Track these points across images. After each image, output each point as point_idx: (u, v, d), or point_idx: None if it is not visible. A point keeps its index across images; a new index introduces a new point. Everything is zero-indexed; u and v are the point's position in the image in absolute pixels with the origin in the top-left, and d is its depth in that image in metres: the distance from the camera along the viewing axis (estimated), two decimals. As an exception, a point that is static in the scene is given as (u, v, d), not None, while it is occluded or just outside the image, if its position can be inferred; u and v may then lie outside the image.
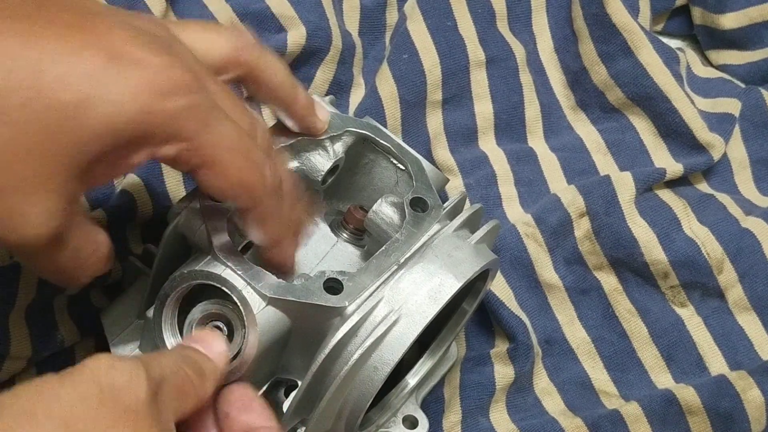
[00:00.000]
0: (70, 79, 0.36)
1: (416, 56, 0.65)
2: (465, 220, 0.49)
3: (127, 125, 0.36)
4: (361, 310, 0.45)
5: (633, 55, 0.65)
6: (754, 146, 0.67)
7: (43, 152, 0.36)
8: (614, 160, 0.66)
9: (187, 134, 0.38)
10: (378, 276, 0.46)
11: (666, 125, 0.66)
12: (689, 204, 0.63)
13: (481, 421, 0.58)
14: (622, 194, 0.62)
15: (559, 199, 0.63)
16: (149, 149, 0.38)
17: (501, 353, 0.59)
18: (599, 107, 0.68)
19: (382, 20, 0.69)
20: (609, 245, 0.61)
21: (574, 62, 0.68)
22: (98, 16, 0.38)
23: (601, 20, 0.66)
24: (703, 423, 0.57)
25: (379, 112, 0.63)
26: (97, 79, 0.36)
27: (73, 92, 0.35)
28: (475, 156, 0.66)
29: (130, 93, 0.36)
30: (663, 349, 0.61)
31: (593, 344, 0.61)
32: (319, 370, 0.45)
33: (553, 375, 0.60)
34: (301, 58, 0.65)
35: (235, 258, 0.44)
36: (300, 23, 0.65)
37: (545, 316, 0.61)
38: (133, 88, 0.36)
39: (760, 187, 0.66)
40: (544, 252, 0.62)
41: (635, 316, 0.61)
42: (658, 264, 0.61)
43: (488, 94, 0.67)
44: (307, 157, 0.50)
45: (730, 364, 0.60)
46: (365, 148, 0.52)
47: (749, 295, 0.61)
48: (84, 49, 0.36)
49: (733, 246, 0.62)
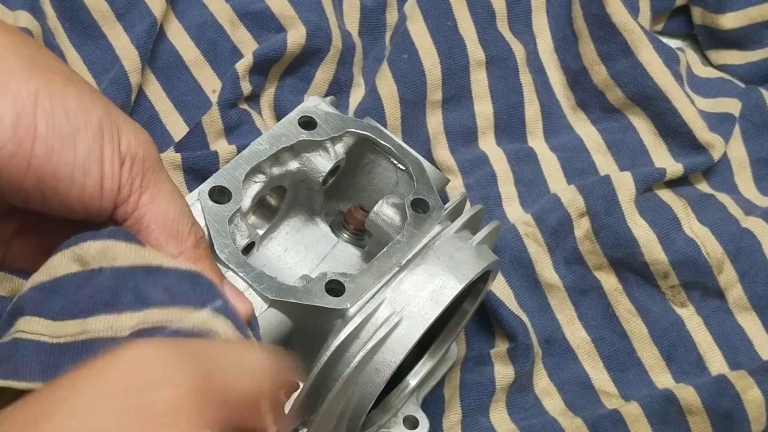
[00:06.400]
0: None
1: (416, 56, 0.65)
2: (466, 221, 0.49)
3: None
4: (363, 311, 0.45)
5: (633, 55, 0.65)
6: (754, 146, 0.67)
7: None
8: (614, 160, 0.66)
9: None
10: (380, 277, 0.46)
11: (666, 125, 0.66)
12: (689, 204, 0.63)
13: (481, 420, 0.58)
14: (622, 194, 0.62)
15: (559, 199, 0.63)
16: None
17: (501, 353, 0.59)
18: (599, 107, 0.68)
19: (382, 20, 0.69)
20: (609, 245, 0.62)
21: (574, 62, 0.68)
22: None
23: (601, 20, 0.66)
24: (703, 423, 0.57)
25: (379, 112, 0.63)
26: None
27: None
28: (475, 156, 0.66)
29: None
30: (663, 349, 0.61)
31: (593, 344, 0.61)
32: (321, 372, 0.45)
33: (553, 375, 0.60)
34: (301, 58, 0.65)
35: (236, 260, 0.44)
36: (300, 23, 0.65)
37: (545, 316, 0.61)
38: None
39: (760, 187, 0.66)
40: (544, 252, 0.62)
41: (635, 316, 0.61)
42: (658, 264, 0.61)
43: (488, 94, 0.67)
44: (308, 158, 0.50)
45: (730, 364, 0.60)
46: (366, 149, 0.52)
47: (749, 295, 0.61)
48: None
49: (733, 246, 0.62)
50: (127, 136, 0.40)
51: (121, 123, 0.40)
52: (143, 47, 0.63)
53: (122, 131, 0.40)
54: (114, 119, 0.39)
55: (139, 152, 0.40)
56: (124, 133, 0.40)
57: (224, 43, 0.66)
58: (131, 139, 0.40)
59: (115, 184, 0.39)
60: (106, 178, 0.39)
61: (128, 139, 0.40)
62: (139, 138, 0.40)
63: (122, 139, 0.39)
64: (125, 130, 0.40)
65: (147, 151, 0.40)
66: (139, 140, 0.40)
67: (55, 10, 0.66)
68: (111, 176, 0.39)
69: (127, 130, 0.40)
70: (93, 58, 0.65)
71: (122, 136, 0.39)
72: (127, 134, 0.40)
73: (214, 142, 0.63)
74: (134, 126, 0.40)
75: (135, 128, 0.40)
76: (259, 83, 0.65)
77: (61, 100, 0.38)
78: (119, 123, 0.40)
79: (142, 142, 0.40)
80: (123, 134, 0.40)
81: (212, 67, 0.66)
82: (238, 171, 0.48)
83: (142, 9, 0.65)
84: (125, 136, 0.40)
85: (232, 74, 0.63)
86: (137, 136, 0.40)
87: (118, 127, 0.39)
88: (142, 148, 0.40)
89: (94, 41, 0.66)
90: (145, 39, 0.64)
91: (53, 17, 0.65)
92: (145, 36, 0.64)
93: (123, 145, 0.39)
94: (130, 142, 0.40)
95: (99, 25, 0.66)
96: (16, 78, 0.38)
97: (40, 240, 0.39)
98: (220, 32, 0.66)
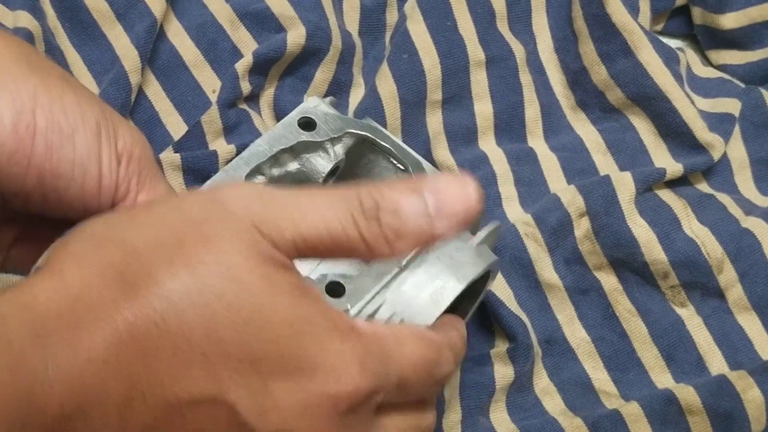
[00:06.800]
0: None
1: (416, 56, 0.65)
2: (466, 222, 0.49)
3: None
4: (363, 313, 0.45)
5: (633, 55, 0.65)
6: (754, 146, 0.67)
7: None
8: (614, 160, 0.66)
9: None
10: (380, 279, 0.46)
11: (666, 125, 0.66)
12: (689, 204, 0.63)
13: (481, 420, 0.58)
14: (622, 194, 0.62)
15: (559, 199, 0.63)
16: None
17: (501, 353, 0.59)
18: (599, 107, 0.68)
19: (382, 20, 0.69)
20: (609, 245, 0.62)
21: (574, 62, 0.68)
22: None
23: (601, 20, 0.66)
24: (703, 423, 0.57)
25: (379, 112, 0.63)
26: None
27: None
28: (475, 156, 0.66)
29: None
30: (663, 349, 0.61)
31: (593, 344, 0.61)
32: (321, 373, 0.45)
33: (553, 375, 0.60)
34: (301, 58, 0.65)
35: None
36: (300, 23, 0.65)
37: (545, 316, 0.61)
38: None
39: (760, 187, 0.66)
40: (544, 252, 0.62)
41: (635, 316, 0.61)
42: (658, 264, 0.61)
43: (488, 94, 0.67)
44: (307, 159, 0.50)
45: (730, 364, 0.60)
46: (365, 149, 0.52)
47: (749, 295, 0.61)
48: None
49: (733, 246, 0.62)
50: (123, 135, 0.40)
51: (117, 123, 0.40)
52: (143, 47, 0.63)
53: (119, 130, 0.40)
54: (110, 119, 0.40)
55: (135, 151, 0.40)
56: (120, 133, 0.40)
57: (224, 43, 0.66)
58: (127, 138, 0.40)
59: (112, 182, 0.40)
60: (104, 175, 0.39)
61: (125, 139, 0.40)
62: (135, 137, 0.41)
63: (119, 138, 0.40)
64: (122, 129, 0.40)
65: (143, 150, 0.41)
66: (135, 139, 0.40)
67: (55, 10, 0.66)
68: (109, 174, 0.39)
69: (124, 130, 0.40)
70: (93, 58, 0.65)
71: (119, 135, 0.40)
72: (123, 134, 0.40)
73: (213, 142, 0.63)
74: (130, 126, 0.41)
75: (131, 128, 0.41)
76: (258, 83, 0.65)
77: (59, 99, 0.39)
78: (115, 123, 0.40)
79: (138, 142, 0.41)
80: (120, 133, 0.40)
81: (212, 67, 0.66)
82: (237, 172, 0.48)
83: (142, 9, 0.65)
84: (122, 135, 0.40)
85: (231, 74, 0.63)
86: (133, 135, 0.41)
87: (115, 127, 0.40)
88: (138, 148, 0.41)
89: (94, 41, 0.66)
90: (145, 39, 0.64)
91: (53, 17, 0.65)
92: (145, 36, 0.64)
93: (120, 144, 0.40)
94: (126, 141, 0.40)
95: (99, 25, 0.66)
96: (15, 79, 0.38)
97: (40, 246, 0.40)
98: (220, 32, 0.66)
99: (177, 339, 0.34)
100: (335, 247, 0.38)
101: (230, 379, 0.35)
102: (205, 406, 0.35)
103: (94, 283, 0.34)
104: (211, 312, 0.34)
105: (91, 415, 0.33)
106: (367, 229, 0.38)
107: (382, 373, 0.38)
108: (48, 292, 0.34)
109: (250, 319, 0.35)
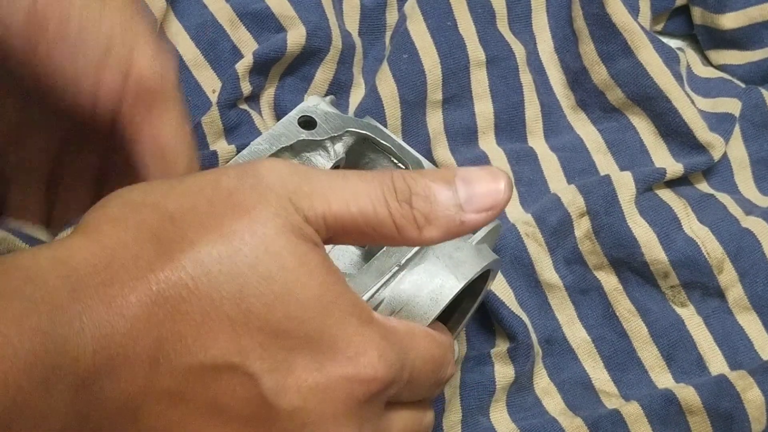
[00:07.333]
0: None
1: (416, 56, 0.65)
2: (466, 221, 0.49)
3: None
4: (363, 311, 0.44)
5: (633, 55, 0.65)
6: (754, 146, 0.67)
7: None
8: (614, 159, 0.66)
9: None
10: (379, 277, 0.46)
11: (666, 125, 0.66)
12: (689, 204, 0.63)
13: (482, 420, 0.58)
14: (622, 194, 0.62)
15: (559, 198, 0.63)
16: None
17: (501, 353, 0.59)
18: (599, 107, 0.68)
19: (382, 20, 0.69)
20: (609, 245, 0.62)
21: (574, 62, 0.68)
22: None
23: (601, 20, 0.66)
24: (703, 423, 0.57)
25: (379, 112, 0.63)
26: None
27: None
28: (475, 156, 0.66)
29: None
30: (663, 348, 0.61)
31: (593, 344, 0.61)
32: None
33: (553, 375, 0.60)
34: (301, 58, 0.65)
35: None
36: (300, 23, 0.65)
37: (545, 316, 0.61)
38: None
39: (760, 187, 0.66)
40: (544, 252, 0.62)
41: (635, 316, 0.61)
42: (658, 264, 0.61)
43: (488, 93, 0.67)
44: (307, 158, 0.50)
45: (730, 364, 0.60)
46: (366, 148, 0.52)
47: (749, 295, 0.61)
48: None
49: (733, 246, 0.62)
50: (140, 61, 0.40)
51: (139, 45, 0.40)
52: (143, 47, 0.63)
53: (136, 53, 0.40)
54: (129, 40, 0.40)
55: (150, 79, 0.40)
56: (137, 56, 0.40)
57: (224, 43, 0.66)
58: (144, 64, 0.40)
59: (112, 95, 0.40)
60: (104, 84, 0.40)
61: (140, 64, 0.40)
62: (154, 67, 0.40)
63: (133, 59, 0.40)
64: (140, 49, 0.40)
65: (159, 80, 0.41)
66: (152, 69, 0.40)
67: (55, 10, 0.66)
68: (109, 88, 0.40)
69: (143, 55, 0.40)
70: (93, 58, 0.65)
71: (135, 56, 0.40)
72: (140, 59, 0.40)
73: (213, 143, 0.63)
74: (152, 50, 0.41)
75: (152, 52, 0.41)
76: (259, 83, 0.65)
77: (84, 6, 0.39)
78: (137, 43, 0.40)
79: (156, 72, 0.40)
80: (136, 55, 0.40)
81: (212, 67, 0.66)
82: (237, 171, 0.48)
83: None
84: (139, 59, 0.40)
85: (231, 74, 0.63)
86: (152, 65, 0.40)
87: (132, 48, 0.40)
88: (154, 77, 0.41)
89: (95, 41, 0.66)
90: (145, 39, 0.64)
91: (53, 17, 0.65)
92: (145, 36, 0.64)
93: (134, 66, 0.40)
94: (142, 65, 0.40)
95: (99, 25, 0.66)
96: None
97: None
98: (220, 32, 0.66)
99: (206, 304, 0.34)
100: (365, 226, 0.38)
101: (254, 351, 0.35)
102: (227, 375, 0.35)
103: (130, 243, 0.35)
104: (243, 281, 0.35)
105: (118, 374, 0.34)
106: (397, 210, 0.38)
107: (398, 366, 0.38)
108: (85, 250, 0.34)
109: (281, 293, 0.35)
